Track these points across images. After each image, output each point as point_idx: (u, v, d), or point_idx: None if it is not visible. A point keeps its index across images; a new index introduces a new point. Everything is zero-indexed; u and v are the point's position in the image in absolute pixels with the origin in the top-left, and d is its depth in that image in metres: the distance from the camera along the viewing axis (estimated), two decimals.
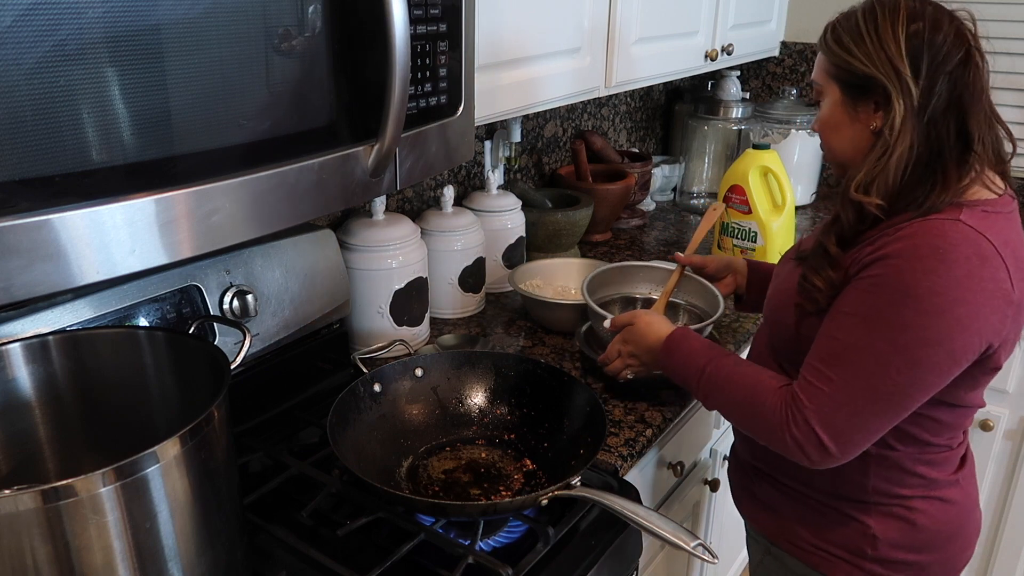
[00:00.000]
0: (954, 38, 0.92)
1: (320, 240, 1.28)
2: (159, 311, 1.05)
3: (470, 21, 1.00)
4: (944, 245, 0.88)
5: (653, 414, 1.29)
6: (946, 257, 0.87)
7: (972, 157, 0.94)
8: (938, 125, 0.92)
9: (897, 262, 0.89)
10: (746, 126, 2.34)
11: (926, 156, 0.93)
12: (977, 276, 0.87)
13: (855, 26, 0.95)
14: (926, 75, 0.91)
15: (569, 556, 0.98)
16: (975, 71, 0.93)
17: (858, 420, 0.92)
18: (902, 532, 1.04)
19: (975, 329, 0.89)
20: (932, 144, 0.93)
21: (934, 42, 0.91)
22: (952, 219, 0.90)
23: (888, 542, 1.04)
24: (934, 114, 0.92)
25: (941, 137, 0.92)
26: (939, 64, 0.91)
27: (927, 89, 0.91)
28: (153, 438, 0.70)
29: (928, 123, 0.92)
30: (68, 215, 0.64)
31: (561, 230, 1.82)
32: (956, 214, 0.90)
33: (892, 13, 0.93)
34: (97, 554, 0.68)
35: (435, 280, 1.54)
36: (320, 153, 0.84)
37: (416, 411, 1.20)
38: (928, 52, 0.91)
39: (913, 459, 1.02)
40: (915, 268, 0.88)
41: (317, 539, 0.98)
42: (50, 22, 0.59)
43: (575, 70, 1.48)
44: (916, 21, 0.92)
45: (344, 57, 0.84)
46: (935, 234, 0.89)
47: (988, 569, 2.09)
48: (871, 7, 0.95)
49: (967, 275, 0.87)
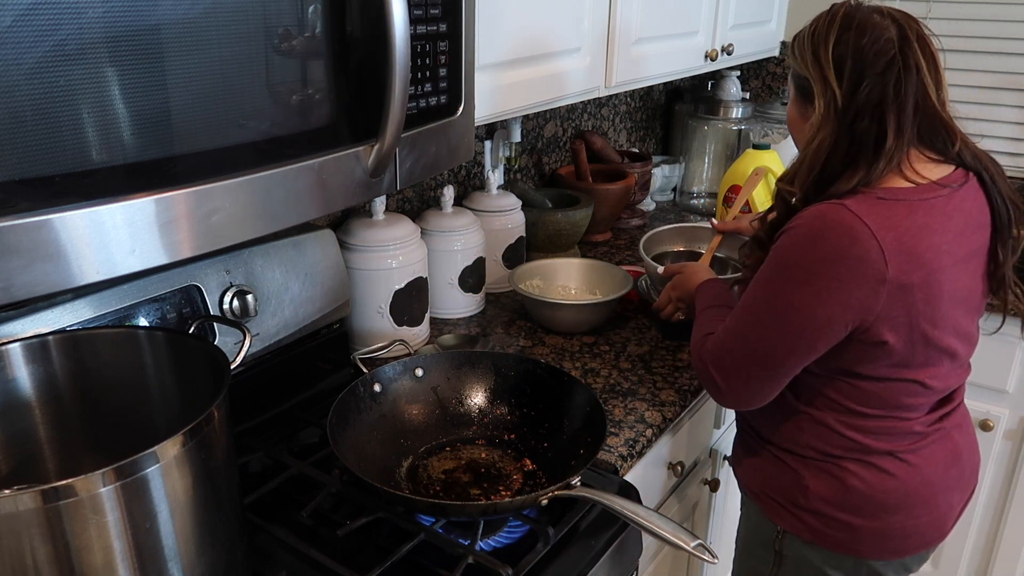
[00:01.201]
0: (882, 44, 1.00)
1: (320, 240, 1.28)
2: (159, 311, 1.05)
3: (470, 21, 1.00)
4: (819, 225, 0.98)
5: (653, 414, 1.29)
6: (818, 236, 0.98)
7: (882, 151, 1.01)
8: (862, 122, 1.00)
9: (784, 238, 1.02)
10: (746, 126, 2.34)
11: (844, 151, 1.02)
12: (843, 255, 0.96)
13: (804, 35, 1.07)
14: (849, 77, 1.00)
15: (569, 556, 0.98)
16: (902, 75, 0.99)
17: (741, 366, 1.07)
18: (832, 489, 1.12)
19: (837, 301, 0.98)
20: (854, 140, 1.01)
21: (859, 47, 1.00)
22: (837, 204, 0.99)
23: (819, 496, 1.12)
24: (859, 113, 1.00)
25: (861, 134, 1.01)
26: (864, 68, 1.00)
27: (850, 90, 1.00)
28: (153, 438, 0.70)
29: (853, 120, 1.01)
30: (68, 215, 0.64)
31: (561, 230, 1.82)
32: (846, 200, 0.99)
33: (830, 22, 1.04)
34: (97, 554, 0.68)
35: (435, 280, 1.54)
36: (320, 153, 0.84)
37: (416, 411, 1.20)
38: (852, 57, 1.00)
39: (841, 422, 1.10)
40: (793, 244, 1.00)
41: (317, 539, 0.98)
42: (50, 22, 0.59)
43: (575, 70, 1.48)
44: (847, 30, 1.01)
45: (344, 57, 0.84)
46: (816, 216, 0.99)
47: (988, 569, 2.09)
48: (820, 17, 1.06)
49: (833, 253, 0.97)
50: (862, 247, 0.96)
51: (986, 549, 2.08)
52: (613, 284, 1.60)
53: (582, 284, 1.67)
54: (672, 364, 1.45)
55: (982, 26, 2.23)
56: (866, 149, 1.01)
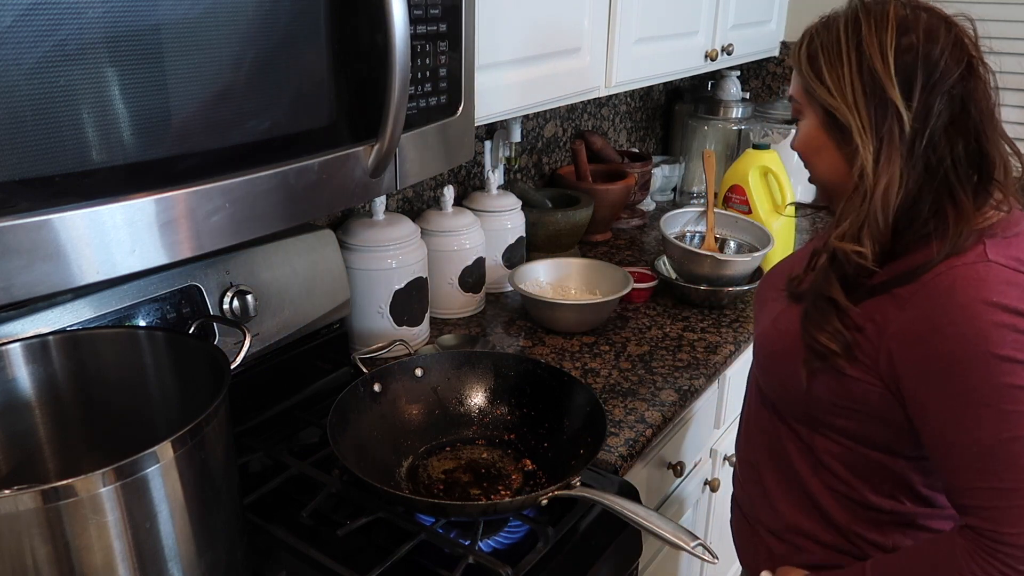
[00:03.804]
0: (952, 49, 0.82)
1: (320, 240, 1.28)
2: (159, 311, 1.05)
3: (470, 21, 1.00)
4: (991, 295, 0.79)
5: (653, 414, 1.29)
6: (1001, 306, 0.78)
7: (993, 186, 0.84)
8: (939, 149, 0.82)
9: (956, 329, 0.79)
10: (746, 126, 2.34)
11: (928, 185, 0.83)
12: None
13: (835, 41, 0.85)
14: (921, 95, 0.81)
15: (569, 556, 0.98)
16: (980, 84, 0.84)
17: None
18: None
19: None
20: (934, 171, 0.83)
21: (929, 56, 0.82)
22: (981, 261, 0.81)
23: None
24: (933, 137, 0.82)
25: (944, 162, 0.82)
26: (935, 82, 0.82)
27: (923, 112, 0.81)
28: (153, 438, 0.70)
29: (927, 148, 0.82)
30: (68, 215, 0.64)
31: (561, 230, 1.82)
32: (980, 252, 0.81)
33: (879, 24, 0.83)
34: (97, 554, 0.68)
35: (435, 280, 1.54)
36: (320, 153, 0.84)
37: (416, 411, 1.20)
38: (923, 69, 0.81)
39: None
40: (980, 330, 0.78)
41: (317, 539, 0.98)
42: (50, 22, 0.59)
43: (575, 70, 1.48)
44: (908, 33, 0.82)
45: (344, 57, 0.84)
46: (974, 284, 0.79)
47: None
48: (855, 16, 0.85)
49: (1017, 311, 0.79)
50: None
51: None
52: (613, 284, 1.60)
53: (582, 284, 1.67)
54: (672, 364, 1.45)
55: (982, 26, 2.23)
56: (960, 180, 0.83)
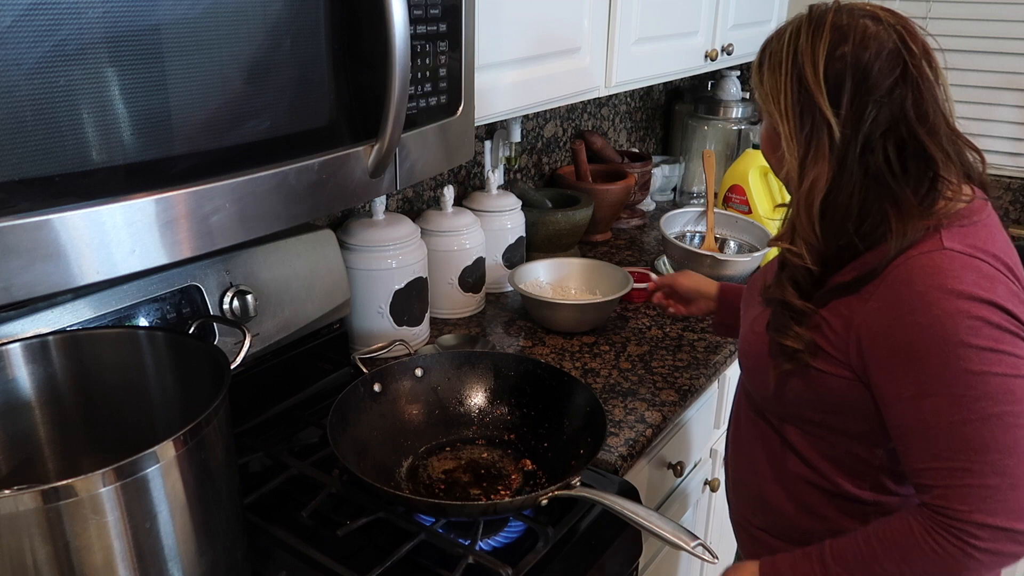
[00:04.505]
0: (887, 56, 0.84)
1: (320, 240, 1.28)
2: (159, 311, 1.05)
3: (470, 21, 1.00)
4: (947, 281, 0.81)
5: (653, 414, 1.29)
6: (957, 291, 0.81)
7: (941, 183, 0.86)
8: (876, 153, 0.84)
9: (914, 317, 0.82)
10: (746, 126, 2.34)
11: (871, 188, 0.86)
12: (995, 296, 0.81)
13: (777, 50, 0.88)
14: (851, 102, 0.84)
15: (569, 556, 0.98)
16: (917, 89, 0.85)
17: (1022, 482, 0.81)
18: None
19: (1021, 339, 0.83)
20: (875, 175, 0.85)
21: (860, 63, 0.83)
22: (937, 249, 0.83)
23: None
24: (868, 142, 0.84)
25: (879, 166, 0.85)
26: (869, 88, 0.83)
27: (854, 118, 0.84)
28: (153, 438, 0.70)
29: (864, 153, 0.84)
30: (68, 215, 0.64)
31: (561, 230, 1.82)
32: (936, 242, 0.84)
33: (816, 33, 0.85)
34: (97, 554, 0.68)
35: (435, 280, 1.54)
36: (320, 153, 0.84)
37: (416, 411, 1.20)
38: (852, 77, 0.83)
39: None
40: (937, 317, 0.81)
41: (317, 539, 0.98)
42: (50, 22, 0.59)
43: (575, 70, 1.48)
44: (843, 42, 0.84)
45: (344, 57, 0.84)
46: (930, 272, 0.82)
47: None
48: (798, 26, 0.88)
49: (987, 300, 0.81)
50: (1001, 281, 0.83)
51: None
52: (613, 284, 1.60)
53: (582, 284, 1.67)
54: (672, 364, 1.45)
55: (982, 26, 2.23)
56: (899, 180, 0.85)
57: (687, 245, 1.75)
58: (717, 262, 1.65)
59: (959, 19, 2.25)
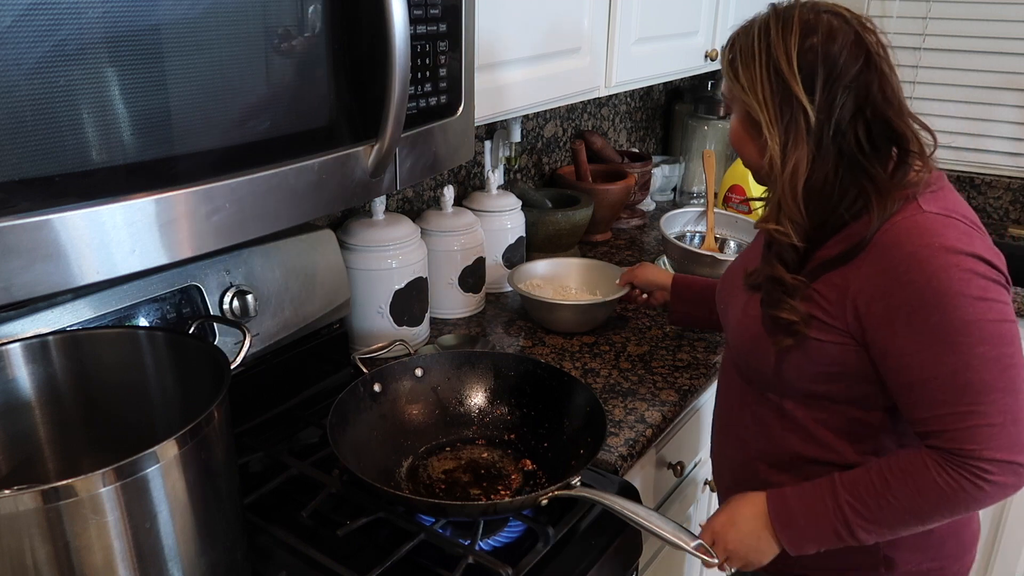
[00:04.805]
0: (851, 47, 0.90)
1: (320, 240, 1.28)
2: (159, 311, 1.05)
3: (470, 21, 1.00)
4: (934, 240, 0.88)
5: (653, 414, 1.29)
6: (945, 247, 0.87)
7: (911, 157, 0.93)
8: (847, 136, 0.91)
9: (909, 276, 0.87)
10: None
11: (846, 168, 0.92)
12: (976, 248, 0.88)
13: (750, 44, 0.93)
14: (823, 89, 0.89)
15: (569, 556, 0.98)
16: (880, 74, 0.91)
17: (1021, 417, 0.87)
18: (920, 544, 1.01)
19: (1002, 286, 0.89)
20: (849, 155, 0.91)
21: (829, 53, 0.89)
22: (917, 213, 0.90)
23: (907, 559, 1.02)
24: (840, 126, 0.90)
25: (852, 149, 0.91)
26: (836, 76, 0.90)
27: (826, 104, 0.90)
28: (153, 438, 0.70)
29: (836, 136, 0.91)
30: (68, 215, 0.64)
31: (561, 230, 1.82)
32: (915, 207, 0.90)
33: (786, 27, 0.91)
34: (97, 554, 0.68)
35: (435, 280, 1.54)
36: (320, 153, 0.84)
37: (416, 411, 1.20)
38: (824, 66, 0.89)
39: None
40: (931, 273, 0.86)
41: (317, 539, 0.98)
42: (50, 22, 0.59)
43: (575, 70, 1.48)
44: (811, 35, 0.90)
45: (344, 57, 0.84)
46: (919, 232, 0.88)
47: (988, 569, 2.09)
48: (766, 21, 0.93)
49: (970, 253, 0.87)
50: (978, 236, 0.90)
51: (986, 549, 2.08)
52: (613, 284, 1.60)
53: (582, 284, 1.67)
54: (672, 364, 1.45)
55: (982, 26, 2.23)
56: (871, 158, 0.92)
57: (687, 245, 1.75)
58: (717, 262, 1.65)
59: (959, 19, 2.25)
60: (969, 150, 2.34)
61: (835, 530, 0.93)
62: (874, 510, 0.92)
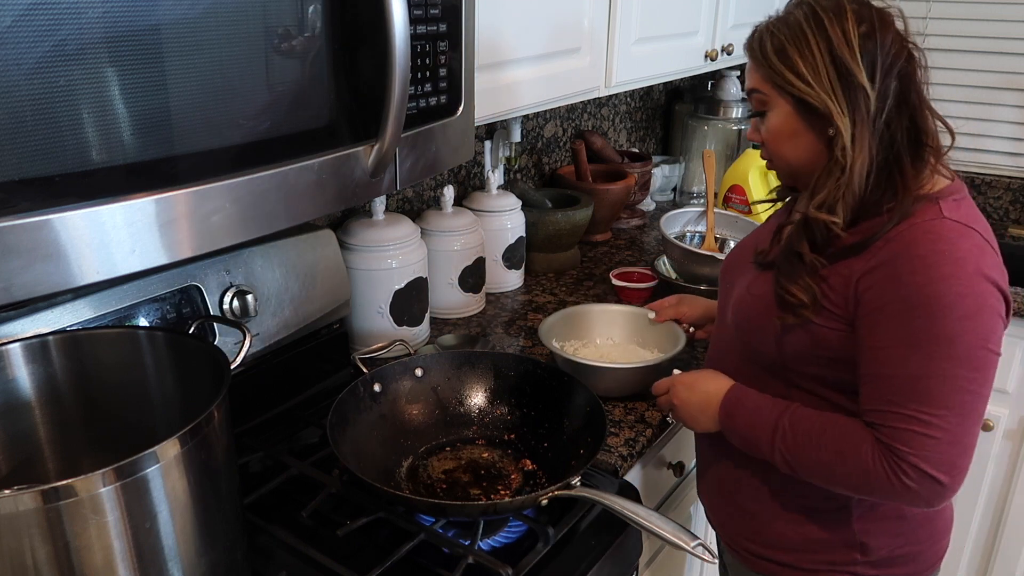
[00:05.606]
0: (896, 35, 0.92)
1: (320, 240, 1.28)
2: (159, 311, 1.05)
3: (470, 21, 1.00)
4: (946, 248, 0.88)
5: (653, 414, 1.29)
6: (954, 258, 0.87)
7: (925, 152, 0.94)
8: (892, 127, 0.92)
9: (913, 276, 0.88)
10: (746, 126, 2.34)
11: (884, 161, 0.92)
12: (984, 266, 0.88)
13: (801, 35, 0.92)
14: (882, 80, 0.90)
15: (569, 556, 0.98)
16: (917, 66, 0.93)
17: (964, 445, 0.89)
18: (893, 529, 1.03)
19: (999, 313, 0.90)
20: (888, 145, 0.92)
21: (884, 42, 0.90)
22: (938, 218, 0.90)
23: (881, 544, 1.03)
24: (889, 117, 0.91)
25: (896, 139, 0.92)
26: (889, 65, 0.90)
27: (883, 92, 0.90)
28: (153, 438, 0.70)
29: (885, 126, 0.91)
30: (68, 215, 0.64)
31: (561, 230, 1.82)
32: (936, 211, 0.90)
33: (839, 16, 0.90)
34: (97, 554, 0.68)
35: (435, 280, 1.54)
36: (320, 153, 0.84)
37: (416, 411, 1.20)
38: (880, 53, 0.90)
39: None
40: (932, 278, 0.87)
41: (317, 539, 0.98)
42: (50, 22, 0.59)
43: (575, 70, 1.48)
44: (863, 23, 0.90)
45: (344, 57, 0.84)
46: (932, 238, 0.88)
47: (988, 569, 2.09)
48: (813, 11, 0.92)
49: (976, 270, 0.87)
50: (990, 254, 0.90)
51: (986, 549, 2.08)
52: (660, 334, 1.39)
53: (623, 335, 1.44)
54: None
55: (982, 26, 2.23)
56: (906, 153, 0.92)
57: (687, 245, 1.75)
58: (717, 262, 1.65)
59: (959, 19, 2.25)
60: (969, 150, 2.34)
61: (762, 441, 0.99)
62: (800, 447, 0.96)
